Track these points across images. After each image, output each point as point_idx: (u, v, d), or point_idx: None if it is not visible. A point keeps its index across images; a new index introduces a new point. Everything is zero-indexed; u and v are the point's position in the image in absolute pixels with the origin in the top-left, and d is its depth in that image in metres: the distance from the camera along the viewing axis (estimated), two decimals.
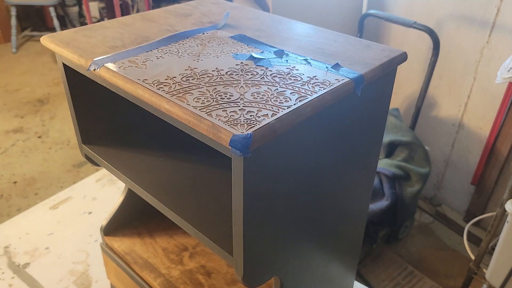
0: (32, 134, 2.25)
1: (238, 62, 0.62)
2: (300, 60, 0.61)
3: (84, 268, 1.49)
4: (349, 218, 0.88)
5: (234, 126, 0.50)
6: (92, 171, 1.97)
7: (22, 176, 1.95)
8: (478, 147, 1.68)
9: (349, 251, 0.96)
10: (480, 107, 1.63)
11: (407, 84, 1.85)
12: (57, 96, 2.60)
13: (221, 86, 0.59)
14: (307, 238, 0.74)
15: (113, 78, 0.62)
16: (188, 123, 0.53)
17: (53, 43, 0.72)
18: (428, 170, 1.58)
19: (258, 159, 0.52)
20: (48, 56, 3.09)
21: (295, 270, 0.75)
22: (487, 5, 1.48)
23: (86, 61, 0.66)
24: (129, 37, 0.74)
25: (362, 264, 1.58)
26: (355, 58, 0.67)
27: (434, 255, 1.66)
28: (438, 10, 1.63)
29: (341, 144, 0.70)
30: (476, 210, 1.74)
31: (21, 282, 1.44)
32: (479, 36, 1.54)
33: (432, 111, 1.80)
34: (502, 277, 1.19)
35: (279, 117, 0.52)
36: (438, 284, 1.53)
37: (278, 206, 0.61)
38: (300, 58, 0.61)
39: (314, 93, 0.57)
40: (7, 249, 1.56)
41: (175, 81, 0.60)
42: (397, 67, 0.71)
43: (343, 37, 0.76)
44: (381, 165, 1.56)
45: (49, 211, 1.75)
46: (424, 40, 1.68)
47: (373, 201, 1.50)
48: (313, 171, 0.66)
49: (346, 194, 0.81)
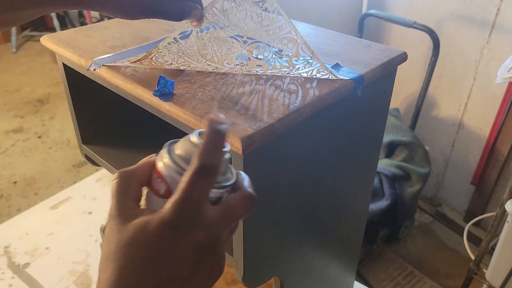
0: (32, 134, 2.25)
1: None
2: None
3: (84, 268, 1.49)
4: (349, 218, 0.88)
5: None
6: (92, 171, 1.97)
7: (22, 176, 1.95)
8: (478, 147, 1.68)
9: (349, 251, 0.96)
10: (480, 107, 1.63)
11: (407, 84, 1.85)
12: (57, 96, 2.60)
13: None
14: (307, 238, 0.74)
15: (113, 78, 0.62)
16: (188, 123, 0.53)
17: (53, 43, 0.72)
18: (428, 170, 1.58)
19: (258, 159, 0.52)
20: (48, 56, 3.09)
21: (295, 270, 0.75)
22: (487, 5, 1.48)
23: (86, 61, 0.66)
24: (129, 37, 0.74)
25: (362, 264, 1.58)
26: (355, 58, 0.67)
27: (434, 255, 1.66)
28: (438, 10, 1.63)
29: (341, 144, 0.70)
30: (476, 210, 1.74)
31: (21, 282, 1.44)
32: (479, 36, 1.54)
33: (432, 111, 1.80)
34: (502, 277, 1.19)
35: (279, 117, 0.52)
36: (438, 284, 1.53)
37: (278, 206, 0.61)
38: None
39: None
40: (7, 249, 1.56)
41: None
42: (397, 67, 0.71)
43: (343, 37, 0.76)
44: (381, 165, 1.56)
45: (49, 211, 1.75)
46: (424, 40, 1.68)
47: (373, 201, 1.50)
48: (313, 171, 0.66)
49: (346, 194, 0.81)
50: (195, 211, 0.31)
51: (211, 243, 0.32)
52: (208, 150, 0.31)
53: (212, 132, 0.31)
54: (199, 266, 0.31)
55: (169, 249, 0.30)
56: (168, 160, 0.33)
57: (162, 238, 0.30)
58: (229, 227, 0.33)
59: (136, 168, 0.35)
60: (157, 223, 0.30)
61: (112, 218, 0.32)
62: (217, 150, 0.32)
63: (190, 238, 0.31)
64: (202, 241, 0.31)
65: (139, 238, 0.30)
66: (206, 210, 0.31)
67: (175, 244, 0.30)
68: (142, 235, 0.30)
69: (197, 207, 0.31)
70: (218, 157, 0.32)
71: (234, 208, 0.33)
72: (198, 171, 0.31)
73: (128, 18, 0.52)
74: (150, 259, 0.30)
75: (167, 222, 0.30)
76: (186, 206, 0.30)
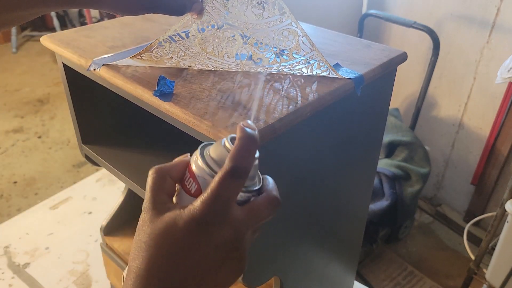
0: (32, 134, 2.25)
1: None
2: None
3: (84, 268, 1.49)
4: (349, 218, 0.88)
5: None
6: (92, 171, 1.97)
7: (22, 176, 1.95)
8: (478, 147, 1.68)
9: (349, 251, 0.96)
10: (480, 107, 1.63)
11: (407, 84, 1.85)
12: (57, 96, 2.60)
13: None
14: (307, 238, 0.74)
15: (113, 78, 0.62)
16: (188, 123, 0.53)
17: (53, 43, 0.72)
18: (428, 170, 1.58)
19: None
20: (48, 56, 3.08)
21: (295, 270, 0.75)
22: (487, 5, 1.48)
23: (86, 61, 0.66)
24: (129, 37, 0.74)
25: (362, 264, 1.58)
26: (355, 58, 0.67)
27: (434, 255, 1.66)
28: (438, 10, 1.63)
29: (341, 144, 0.70)
30: (476, 210, 1.74)
31: (21, 282, 1.44)
32: (479, 36, 1.54)
33: (432, 111, 1.80)
34: (502, 277, 1.19)
35: (279, 117, 0.52)
36: (438, 284, 1.53)
37: None
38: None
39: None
40: (7, 249, 1.56)
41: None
42: (397, 67, 0.71)
43: (343, 37, 0.76)
44: (381, 165, 1.56)
45: (49, 211, 1.75)
46: (424, 40, 1.68)
47: (373, 201, 1.50)
48: (313, 171, 0.66)
49: (346, 194, 0.81)
50: (223, 209, 0.32)
51: (235, 241, 0.33)
52: (240, 153, 0.33)
53: (244, 137, 0.33)
54: (224, 262, 0.33)
55: (196, 243, 0.32)
56: (201, 162, 0.35)
57: (190, 233, 0.32)
58: (253, 227, 0.35)
59: (171, 165, 0.36)
60: (186, 218, 0.32)
61: (145, 210, 0.34)
62: (249, 154, 0.33)
63: (217, 235, 0.32)
64: (228, 238, 0.33)
65: (169, 231, 0.32)
66: (233, 209, 0.33)
67: (202, 239, 0.32)
68: (172, 229, 0.32)
69: (225, 206, 0.32)
70: (250, 161, 0.33)
71: (259, 210, 0.35)
72: (229, 172, 0.32)
73: (129, 14, 0.52)
74: (179, 252, 0.32)
75: (196, 218, 0.32)
76: (215, 204, 0.32)
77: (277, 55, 0.62)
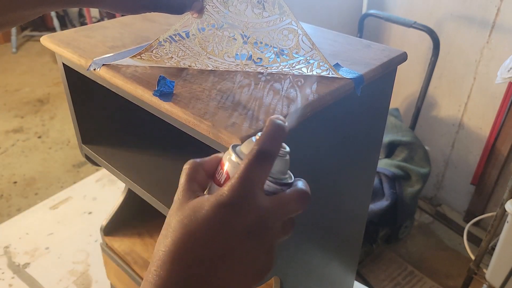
0: (32, 134, 2.25)
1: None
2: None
3: (84, 268, 1.49)
4: (349, 218, 0.88)
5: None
6: (92, 171, 1.97)
7: (22, 176, 1.95)
8: (478, 147, 1.68)
9: (349, 251, 0.96)
10: (480, 107, 1.63)
11: (407, 84, 1.85)
12: (57, 96, 2.60)
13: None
14: (307, 238, 0.74)
15: (113, 78, 0.62)
16: (188, 123, 0.53)
17: (53, 43, 0.72)
18: (428, 170, 1.58)
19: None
20: (48, 56, 3.08)
21: (295, 270, 0.75)
22: (487, 5, 1.48)
23: (86, 61, 0.66)
24: (129, 37, 0.74)
25: (362, 264, 1.58)
26: (355, 58, 0.67)
27: (434, 255, 1.66)
28: (438, 10, 1.63)
29: (341, 144, 0.70)
30: (476, 210, 1.74)
31: (21, 282, 1.44)
32: (479, 36, 1.54)
33: (432, 111, 1.80)
34: (502, 277, 1.19)
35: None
36: (438, 284, 1.53)
37: None
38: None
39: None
40: (7, 249, 1.56)
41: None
42: (397, 67, 0.71)
43: (343, 37, 0.76)
44: (381, 165, 1.56)
45: (49, 211, 1.75)
46: (424, 40, 1.68)
47: (373, 201, 1.50)
48: (312, 171, 0.66)
49: (346, 194, 0.81)
50: (248, 193, 0.32)
51: (259, 229, 0.32)
52: (266, 137, 0.33)
53: (272, 124, 0.34)
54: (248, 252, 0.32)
55: (221, 227, 0.31)
56: (233, 155, 0.35)
57: (215, 216, 0.32)
58: (281, 220, 0.34)
59: (205, 159, 0.37)
60: (212, 201, 0.32)
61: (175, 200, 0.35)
62: (275, 139, 0.33)
63: (240, 220, 0.32)
64: (251, 224, 0.32)
65: (195, 215, 0.32)
66: (259, 196, 0.33)
67: (226, 222, 0.32)
68: (198, 212, 0.32)
69: (251, 189, 0.32)
70: (276, 145, 0.33)
71: (287, 202, 0.34)
72: (255, 155, 0.32)
73: (129, 13, 0.52)
74: (204, 235, 0.31)
75: (222, 202, 0.32)
76: (240, 186, 0.32)
77: (277, 54, 0.62)
